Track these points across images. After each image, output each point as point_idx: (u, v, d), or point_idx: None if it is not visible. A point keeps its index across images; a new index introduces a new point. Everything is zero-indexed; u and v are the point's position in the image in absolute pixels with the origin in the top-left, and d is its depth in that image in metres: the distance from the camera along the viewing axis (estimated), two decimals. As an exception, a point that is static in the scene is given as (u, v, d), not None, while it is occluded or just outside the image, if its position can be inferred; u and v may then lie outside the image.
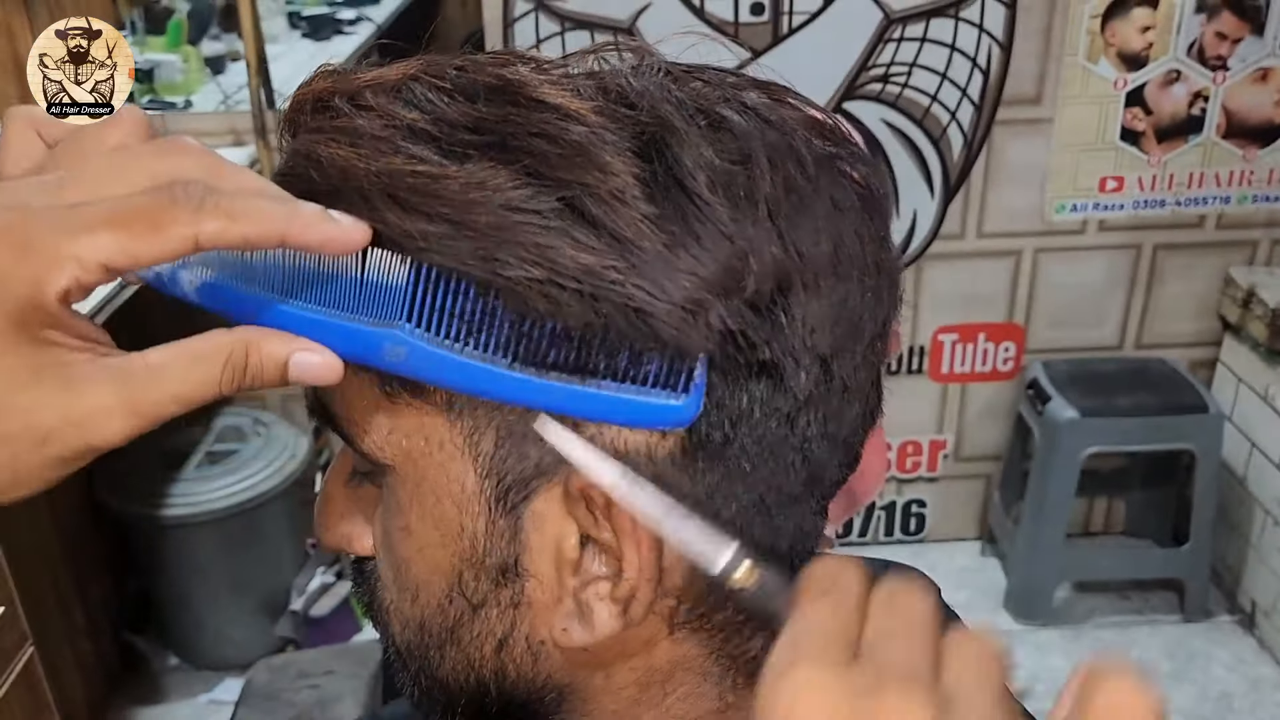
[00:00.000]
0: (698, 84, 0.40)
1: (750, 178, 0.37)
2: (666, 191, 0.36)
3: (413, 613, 0.43)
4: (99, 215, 0.32)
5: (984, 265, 2.15)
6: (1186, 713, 1.97)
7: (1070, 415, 2.04)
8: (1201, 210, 2.12)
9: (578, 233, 0.36)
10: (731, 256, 0.36)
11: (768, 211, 0.37)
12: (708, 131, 0.38)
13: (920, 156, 2.06)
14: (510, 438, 0.38)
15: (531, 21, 1.95)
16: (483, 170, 0.36)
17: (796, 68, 1.98)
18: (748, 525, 0.40)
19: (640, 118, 0.37)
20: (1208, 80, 2.02)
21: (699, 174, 0.36)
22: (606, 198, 0.36)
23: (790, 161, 0.38)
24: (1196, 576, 2.16)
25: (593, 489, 0.37)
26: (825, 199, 0.38)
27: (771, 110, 0.40)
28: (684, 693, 0.43)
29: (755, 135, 0.38)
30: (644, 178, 0.36)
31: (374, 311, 0.36)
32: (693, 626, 0.42)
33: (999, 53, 1.99)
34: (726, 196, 0.36)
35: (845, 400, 0.40)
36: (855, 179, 0.40)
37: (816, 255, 0.38)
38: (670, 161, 0.37)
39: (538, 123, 0.37)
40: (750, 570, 0.35)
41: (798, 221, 0.37)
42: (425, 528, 0.41)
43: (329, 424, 0.43)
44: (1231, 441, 2.13)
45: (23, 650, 1.36)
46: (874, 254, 0.40)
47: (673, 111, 0.38)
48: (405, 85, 0.39)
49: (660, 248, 0.36)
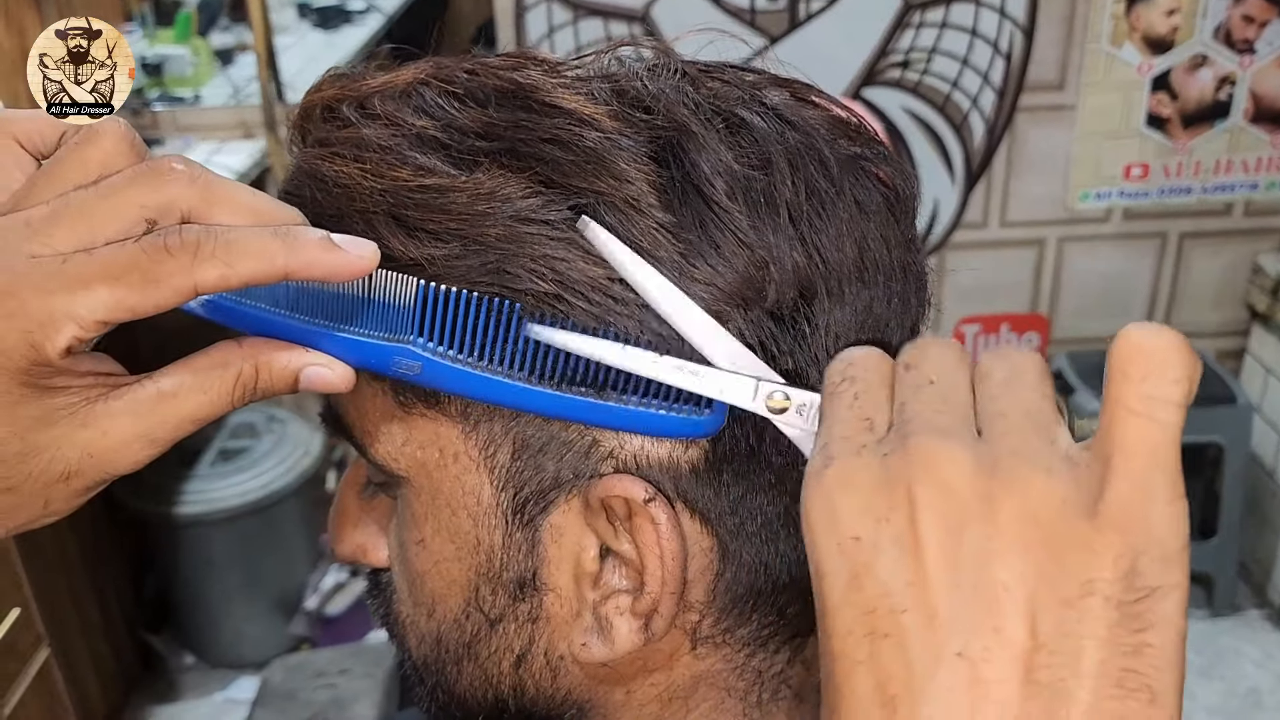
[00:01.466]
0: (716, 84, 0.39)
1: (770, 183, 0.36)
2: (684, 198, 0.35)
3: (429, 627, 0.42)
4: (93, 271, 0.31)
5: (1007, 255, 2.12)
6: (1215, 709, 1.95)
7: (1096, 407, 2.01)
8: (1228, 197, 2.08)
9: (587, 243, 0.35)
10: (751, 265, 0.35)
11: (789, 217, 0.36)
12: (726, 135, 0.37)
13: (941, 144, 2.03)
14: (527, 449, 0.37)
15: (543, 11, 1.92)
16: (492, 179, 0.35)
17: (814, 55, 1.95)
18: (773, 538, 0.39)
19: (656, 122, 0.36)
20: (1234, 64, 1.98)
21: (717, 180, 0.35)
22: (621, 206, 0.35)
23: (812, 164, 0.37)
24: (1225, 571, 2.13)
25: (614, 499, 0.36)
26: (849, 202, 0.37)
27: (793, 110, 0.39)
28: (707, 709, 0.42)
29: (775, 138, 0.37)
30: (660, 184, 0.35)
31: (385, 326, 0.36)
32: (716, 641, 0.41)
33: (1021, 38, 1.95)
34: (746, 203, 0.36)
35: None
36: (881, 179, 0.39)
37: (840, 261, 0.37)
38: (688, 167, 0.36)
39: (550, 128, 0.36)
40: (783, 399, 0.34)
41: (820, 226, 0.36)
42: (441, 541, 0.40)
43: (341, 433, 0.42)
44: (1260, 433, 2.10)
45: (38, 651, 1.36)
46: (900, 257, 0.39)
47: (689, 115, 0.37)
48: (415, 90, 0.38)
49: (677, 257, 0.35)
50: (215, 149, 2.05)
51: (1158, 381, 0.26)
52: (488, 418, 0.38)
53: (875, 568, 0.27)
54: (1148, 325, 0.27)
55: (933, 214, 2.08)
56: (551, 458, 0.37)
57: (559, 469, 0.37)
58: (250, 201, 0.33)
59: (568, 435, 0.37)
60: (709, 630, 0.40)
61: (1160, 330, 0.27)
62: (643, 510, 0.36)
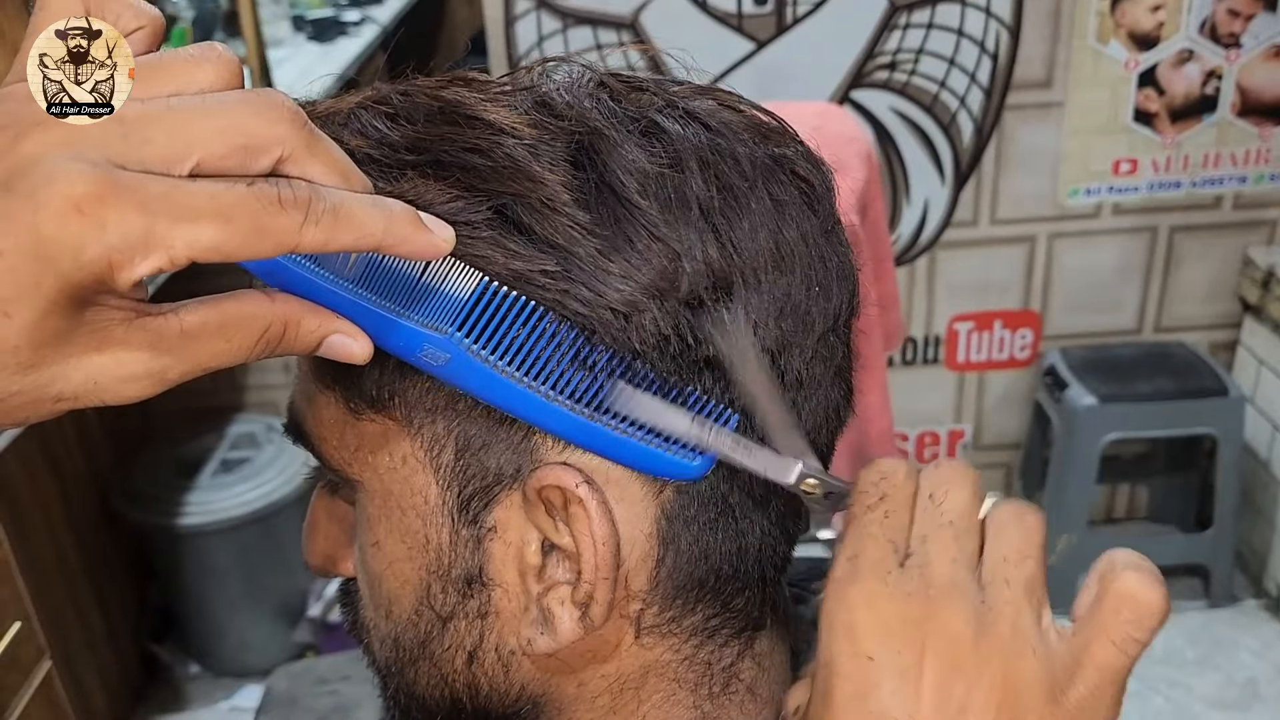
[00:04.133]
0: (637, 94, 0.41)
1: (682, 180, 0.38)
2: (599, 198, 0.37)
3: (388, 629, 0.44)
4: (205, 205, 0.29)
5: (998, 252, 2.13)
6: (1213, 699, 1.95)
7: (1089, 402, 2.02)
8: (1218, 190, 2.09)
9: (510, 241, 0.36)
10: (664, 259, 0.37)
11: (700, 211, 0.37)
12: (640, 139, 0.38)
13: (930, 144, 2.04)
14: (469, 448, 0.39)
15: (533, 20, 1.94)
16: (414, 187, 0.37)
17: (802, 58, 1.97)
18: (710, 525, 0.40)
19: (571, 128, 0.38)
20: (1221, 59, 2.00)
21: (629, 179, 0.37)
22: (538, 206, 0.36)
23: (725, 161, 0.39)
24: (1221, 562, 2.13)
25: (550, 490, 0.38)
26: (763, 197, 0.39)
27: (713, 115, 0.40)
28: (658, 700, 0.43)
29: (689, 139, 0.39)
30: (576, 185, 0.37)
31: (425, 312, 0.36)
32: (661, 631, 0.42)
33: (1007, 37, 1.97)
34: (657, 200, 0.37)
35: (802, 395, 0.41)
36: (799, 175, 0.41)
37: (755, 251, 0.38)
38: (601, 168, 0.37)
39: (472, 139, 0.37)
40: (816, 484, 0.37)
41: (733, 219, 0.38)
42: (393, 542, 0.42)
43: (301, 442, 0.43)
44: (1254, 424, 2.10)
45: (40, 664, 1.36)
46: (819, 249, 0.40)
47: (602, 120, 0.38)
48: (354, 113, 0.40)
49: (594, 253, 0.36)
50: (211, 162, 2.06)
51: (1138, 628, 0.33)
52: (431, 419, 0.39)
53: (881, 690, 0.33)
54: (1143, 571, 0.33)
55: (923, 213, 2.09)
56: (493, 455, 0.39)
57: (500, 465, 0.39)
58: (341, 162, 0.32)
59: (507, 432, 0.38)
60: (654, 620, 0.41)
61: (1153, 584, 0.33)
62: (575, 498, 0.37)
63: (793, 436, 0.37)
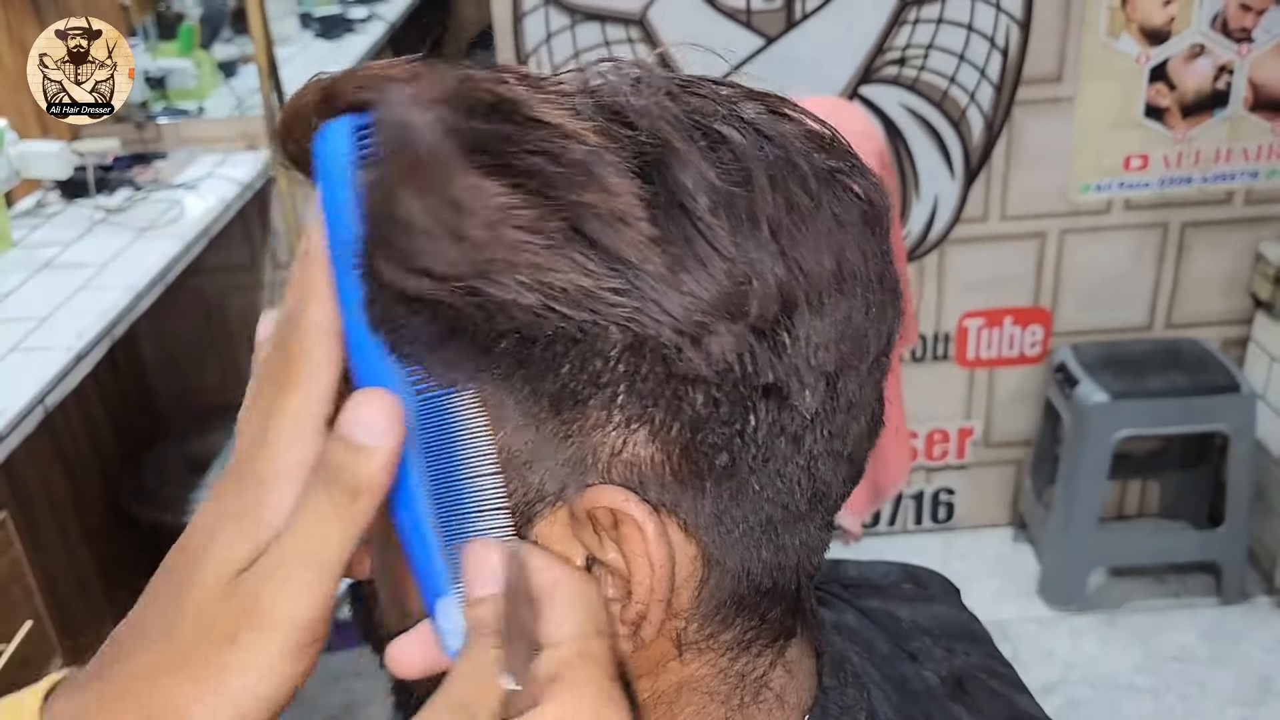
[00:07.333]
0: (694, 99, 0.39)
1: (751, 198, 0.37)
2: (669, 213, 0.36)
3: None
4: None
5: (1008, 248, 2.12)
6: (1226, 696, 1.94)
7: (1100, 398, 2.01)
8: (1229, 185, 2.08)
9: (577, 254, 0.35)
10: (734, 280, 0.35)
11: (770, 232, 0.36)
12: (707, 151, 0.37)
13: (940, 140, 2.04)
14: (513, 463, 0.37)
15: (541, 16, 1.93)
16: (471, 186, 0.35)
17: (811, 54, 1.96)
18: (755, 545, 0.39)
19: (640, 138, 0.37)
20: (1232, 53, 1.98)
21: (700, 196, 0.36)
22: (608, 218, 0.35)
23: (792, 179, 0.38)
24: (1233, 558, 2.13)
25: (599, 510, 0.37)
26: (827, 215, 0.38)
27: (770, 125, 0.39)
28: (690, 713, 0.43)
29: (755, 153, 0.37)
30: (646, 199, 0.35)
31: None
32: (700, 647, 0.41)
33: (1017, 31, 1.96)
34: (728, 218, 0.36)
35: (851, 416, 0.40)
36: (856, 193, 0.40)
37: (820, 273, 0.37)
38: (671, 183, 0.36)
39: (537, 140, 0.36)
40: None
41: (800, 239, 0.37)
42: None
43: None
44: (1266, 421, 2.10)
45: (52, 662, 1.37)
46: (877, 268, 0.39)
47: (672, 131, 0.37)
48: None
49: (664, 270, 0.35)
50: (219, 161, 2.07)
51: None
52: None
53: None
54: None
55: (933, 209, 2.09)
56: (536, 471, 0.37)
57: (544, 482, 0.37)
58: None
59: (554, 449, 0.37)
60: (694, 636, 0.41)
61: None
62: (629, 519, 0.37)
63: None
